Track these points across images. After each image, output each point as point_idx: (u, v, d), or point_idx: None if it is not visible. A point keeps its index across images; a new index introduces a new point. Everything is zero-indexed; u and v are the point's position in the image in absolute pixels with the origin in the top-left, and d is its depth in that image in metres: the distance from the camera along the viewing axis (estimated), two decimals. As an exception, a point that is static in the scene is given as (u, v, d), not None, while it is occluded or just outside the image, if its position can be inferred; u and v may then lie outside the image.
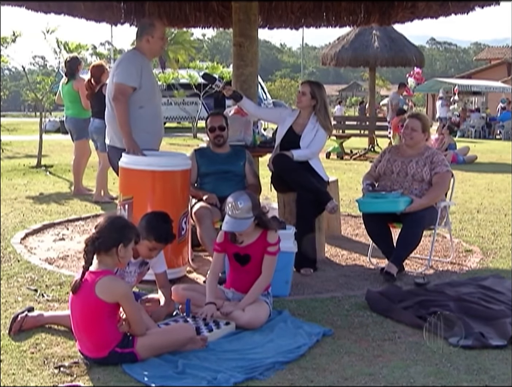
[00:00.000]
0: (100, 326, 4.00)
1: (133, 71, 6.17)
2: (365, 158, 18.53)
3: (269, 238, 4.93)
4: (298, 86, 6.90)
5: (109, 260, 4.10)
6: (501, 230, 8.58)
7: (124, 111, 6.11)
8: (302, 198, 6.40)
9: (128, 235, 4.17)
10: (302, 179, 6.43)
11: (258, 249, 4.92)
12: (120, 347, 4.01)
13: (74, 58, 11.31)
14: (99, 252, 4.07)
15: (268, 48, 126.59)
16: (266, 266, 4.91)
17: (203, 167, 6.68)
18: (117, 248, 4.08)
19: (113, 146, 6.34)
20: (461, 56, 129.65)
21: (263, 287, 4.91)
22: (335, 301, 5.44)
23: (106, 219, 4.18)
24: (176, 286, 5.16)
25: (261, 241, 4.93)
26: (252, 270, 4.95)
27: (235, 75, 8.13)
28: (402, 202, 6.25)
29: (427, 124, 6.67)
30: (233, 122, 7.10)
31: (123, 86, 6.13)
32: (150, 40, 6.28)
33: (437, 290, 5.61)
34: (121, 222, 4.25)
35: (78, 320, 4.07)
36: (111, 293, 3.98)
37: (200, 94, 28.25)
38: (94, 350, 4.03)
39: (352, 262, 6.95)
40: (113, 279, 4.05)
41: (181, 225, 5.88)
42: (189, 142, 24.17)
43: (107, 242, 4.06)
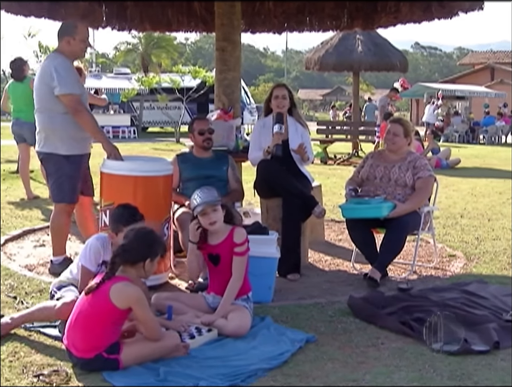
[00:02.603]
0: (101, 329, 4.01)
1: (72, 77, 6.17)
2: (349, 163, 18.56)
3: (236, 238, 4.91)
4: (272, 90, 6.80)
5: (133, 272, 4.18)
6: (484, 235, 8.62)
7: (91, 119, 6.15)
8: (289, 204, 6.40)
9: (157, 251, 4.26)
10: (289, 184, 6.43)
11: (227, 248, 4.91)
12: (107, 352, 4.01)
13: (19, 59, 11.12)
14: (125, 264, 4.13)
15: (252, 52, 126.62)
16: (235, 268, 4.89)
17: (186, 172, 6.67)
18: (144, 262, 4.17)
19: (55, 153, 6.26)
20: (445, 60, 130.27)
21: (235, 289, 4.87)
22: (318, 307, 5.44)
23: (136, 232, 4.26)
24: (157, 295, 5.12)
25: (229, 240, 4.93)
26: (224, 270, 4.93)
27: (218, 80, 8.14)
28: (385, 207, 6.27)
29: (409, 129, 6.69)
30: (216, 127, 7.10)
31: (74, 97, 6.11)
32: (71, 42, 6.22)
33: (420, 296, 5.63)
34: (152, 237, 4.30)
35: (80, 318, 4.06)
36: (125, 298, 4.01)
37: (183, 98, 28.22)
38: (82, 350, 4.03)
39: (335, 267, 6.95)
40: (127, 284, 4.06)
41: (163, 231, 5.87)
42: (172, 147, 24.12)
43: (136, 256, 4.16)
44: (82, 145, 6.33)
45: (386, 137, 6.69)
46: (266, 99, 6.85)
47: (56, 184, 6.34)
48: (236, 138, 7.77)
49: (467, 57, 62.25)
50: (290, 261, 6.36)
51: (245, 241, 4.96)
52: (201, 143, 6.71)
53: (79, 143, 6.28)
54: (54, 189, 6.38)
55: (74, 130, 6.19)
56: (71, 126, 6.17)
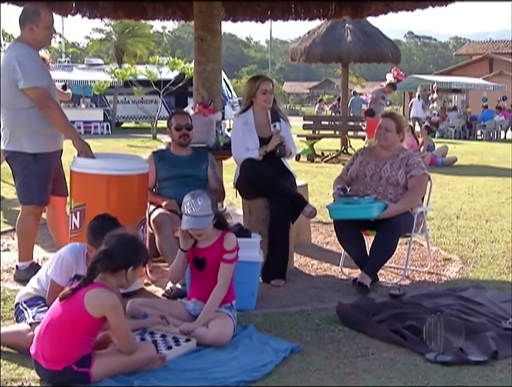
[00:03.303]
0: (73, 339, 3.98)
1: (38, 68, 6.10)
2: (337, 161, 18.59)
3: (226, 244, 4.93)
4: (258, 84, 6.76)
5: (113, 280, 4.16)
6: (482, 237, 8.66)
7: (60, 114, 6.09)
8: (277, 204, 6.41)
9: (140, 258, 4.25)
10: (277, 184, 6.46)
11: (215, 253, 4.92)
12: (77, 365, 3.98)
13: None
14: (105, 271, 4.11)
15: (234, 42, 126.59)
16: (222, 275, 4.90)
17: (162, 171, 6.66)
18: (126, 270, 4.15)
19: (21, 151, 6.22)
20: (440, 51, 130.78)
21: (220, 297, 4.89)
22: (304, 315, 5.45)
23: (119, 237, 4.23)
24: (132, 301, 5.12)
25: (218, 245, 4.93)
26: (209, 275, 4.93)
27: (197, 72, 8.13)
28: (375, 208, 6.28)
29: (402, 124, 6.71)
30: (195, 122, 7.09)
31: (41, 90, 6.06)
32: (34, 29, 6.15)
33: (413, 302, 5.65)
34: (136, 243, 4.29)
35: (51, 326, 4.03)
36: (100, 305, 3.98)
37: (160, 92, 28.18)
38: (51, 361, 4.00)
39: (322, 272, 6.97)
40: (103, 291, 4.04)
41: (139, 233, 5.85)
42: (148, 143, 24.07)
43: (119, 263, 4.14)
44: (51, 142, 6.26)
45: (378, 132, 6.71)
46: (250, 93, 6.78)
47: (23, 185, 6.30)
48: (216, 134, 7.76)
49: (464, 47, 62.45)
50: (276, 266, 6.38)
51: (235, 249, 4.97)
52: (177, 140, 6.71)
53: (47, 139, 6.22)
54: (21, 190, 6.34)
55: (42, 126, 6.13)
56: (38, 121, 6.12)
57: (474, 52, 55.15)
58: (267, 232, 6.52)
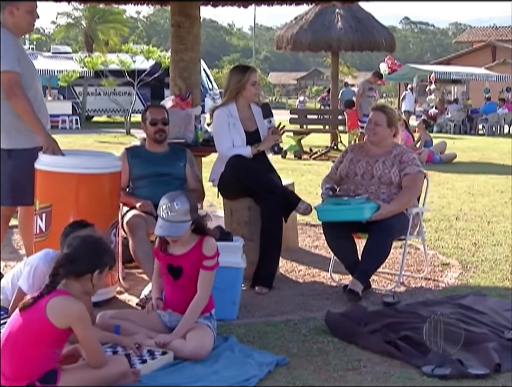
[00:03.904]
0: (35, 353, 3.94)
1: (12, 52, 5.96)
2: (326, 158, 18.61)
3: (205, 250, 4.92)
4: (247, 76, 6.76)
5: (78, 286, 4.12)
6: (483, 240, 8.69)
7: (27, 105, 5.93)
8: (269, 203, 6.43)
9: (106, 261, 4.23)
10: (267, 181, 6.50)
11: (192, 260, 4.91)
12: (41, 381, 3.95)
13: None
14: (69, 276, 4.08)
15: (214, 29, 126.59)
16: (202, 283, 4.89)
17: (136, 169, 6.65)
18: (92, 274, 4.12)
19: None
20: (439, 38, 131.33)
21: (200, 307, 4.88)
22: (290, 325, 5.46)
23: (83, 239, 4.21)
24: (102, 314, 5.07)
25: (196, 252, 4.92)
26: (186, 285, 4.93)
27: (174, 61, 8.12)
28: (367, 208, 6.30)
29: (393, 118, 6.71)
30: (172, 116, 7.09)
31: (12, 75, 5.92)
32: (15, 12, 6.05)
33: (409, 311, 5.67)
34: (101, 245, 4.28)
35: (11, 339, 3.98)
36: (64, 315, 3.94)
37: (134, 83, 28.12)
38: (12, 378, 3.96)
39: (310, 278, 6.99)
40: (68, 299, 4.00)
41: (110, 237, 5.84)
42: (122, 139, 24.03)
43: (83, 267, 4.11)
44: (29, 137, 6.08)
45: (367, 127, 6.73)
46: (239, 84, 6.73)
47: None
48: (195, 129, 7.76)
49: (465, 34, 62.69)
50: (265, 270, 6.44)
51: (216, 254, 4.97)
52: (152, 135, 6.69)
53: (24, 135, 6.04)
54: None
55: (18, 119, 6.00)
56: (13, 114, 5.98)
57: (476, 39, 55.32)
58: (249, 235, 6.53)
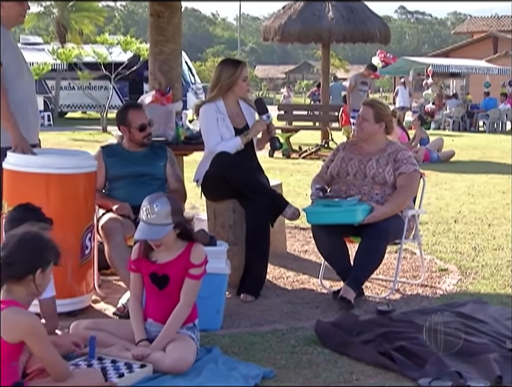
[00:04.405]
0: None
1: (3, 45, 5.93)
2: (317, 157, 18.64)
3: (193, 258, 4.92)
4: (239, 71, 6.76)
5: (22, 290, 4.04)
6: (483, 244, 8.72)
7: (3, 100, 5.90)
8: (255, 205, 6.44)
9: (48, 257, 4.11)
10: (255, 181, 6.52)
11: (179, 268, 4.90)
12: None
13: None
14: (9, 281, 3.99)
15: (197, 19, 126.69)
16: (186, 292, 4.89)
17: (113, 169, 6.64)
18: (34, 274, 4.02)
19: None
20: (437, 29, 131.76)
21: (182, 317, 4.88)
22: (278, 335, 5.47)
23: (19, 238, 4.07)
24: (76, 323, 5.05)
25: (183, 259, 4.92)
26: (172, 294, 4.92)
27: (153, 53, 8.11)
28: (360, 210, 6.31)
29: (382, 112, 6.72)
30: (151, 112, 7.08)
31: None
32: (4, 3, 6.04)
33: (404, 320, 5.68)
34: (39, 241, 4.13)
35: None
36: (14, 330, 3.87)
37: (110, 76, 28.07)
38: None
39: (299, 285, 7.00)
40: (17, 311, 3.93)
41: (85, 242, 5.84)
42: (97, 137, 24.00)
43: (22, 268, 3.99)
44: (6, 135, 6.03)
45: (356, 123, 6.76)
46: (230, 79, 6.73)
47: None
48: (176, 126, 7.75)
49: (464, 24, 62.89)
50: (252, 277, 6.46)
51: (204, 263, 4.96)
52: (140, 140, 6.63)
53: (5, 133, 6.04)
54: None
55: None
56: None
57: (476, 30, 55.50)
58: (234, 239, 6.55)
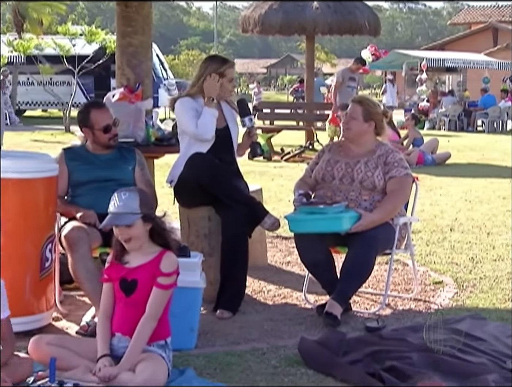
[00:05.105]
0: None
1: None
2: (301, 159, 18.63)
3: (163, 266, 4.90)
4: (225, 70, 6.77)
5: None
6: (482, 255, 8.75)
7: None
8: (233, 213, 6.46)
9: None
10: (232, 187, 6.53)
11: (148, 274, 4.89)
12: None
13: None
14: None
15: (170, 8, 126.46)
16: (152, 303, 4.86)
17: (77, 174, 6.62)
18: None
19: None
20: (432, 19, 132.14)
21: (147, 331, 4.84)
22: (257, 355, 5.48)
23: None
24: (37, 338, 5.03)
25: (153, 265, 4.91)
26: (139, 302, 4.89)
27: (121, 46, 8.09)
28: (346, 218, 6.33)
29: (372, 111, 6.75)
30: (119, 111, 7.08)
31: None
32: None
33: (395, 337, 5.70)
34: None
35: None
36: None
37: (74, 70, 28.01)
38: None
39: (281, 300, 7.02)
40: None
41: (45, 254, 5.83)
42: (59, 138, 23.96)
43: None
44: None
45: (343, 123, 6.78)
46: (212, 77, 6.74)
47: None
48: (146, 126, 7.74)
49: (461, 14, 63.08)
50: (229, 292, 6.47)
51: (174, 273, 4.95)
52: (106, 142, 6.63)
53: None
54: None
55: None
56: None
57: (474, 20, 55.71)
58: (210, 249, 6.56)
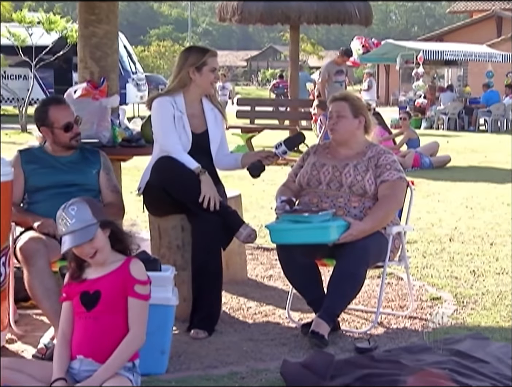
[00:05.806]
0: None
1: None
2: (284, 162, 18.62)
3: (135, 274, 4.88)
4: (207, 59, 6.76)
5: None
6: (484, 267, 8.77)
7: None
8: (204, 224, 6.46)
9: None
10: None
11: (114, 283, 4.86)
12: None
13: None
14: None
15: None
16: (135, 316, 4.84)
17: (34, 178, 6.61)
18: None
19: None
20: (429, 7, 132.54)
21: (132, 349, 4.83)
22: (236, 379, 5.47)
23: None
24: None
25: (121, 273, 4.88)
26: (101, 315, 4.85)
27: (83, 36, 8.08)
28: (334, 227, 6.33)
29: (359, 105, 6.77)
30: (81, 108, 7.08)
31: None
32: None
33: (388, 359, 5.70)
34: None
35: None
36: None
37: (31, 63, 27.96)
38: None
39: (262, 318, 7.02)
40: None
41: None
42: (15, 138, 23.90)
43: None
44: None
45: (328, 123, 6.75)
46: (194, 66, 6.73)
47: None
48: (112, 125, 7.73)
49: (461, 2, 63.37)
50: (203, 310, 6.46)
51: (148, 281, 4.95)
52: (67, 142, 6.62)
53: None
54: None
55: None
56: None
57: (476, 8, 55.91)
58: (183, 263, 6.55)
